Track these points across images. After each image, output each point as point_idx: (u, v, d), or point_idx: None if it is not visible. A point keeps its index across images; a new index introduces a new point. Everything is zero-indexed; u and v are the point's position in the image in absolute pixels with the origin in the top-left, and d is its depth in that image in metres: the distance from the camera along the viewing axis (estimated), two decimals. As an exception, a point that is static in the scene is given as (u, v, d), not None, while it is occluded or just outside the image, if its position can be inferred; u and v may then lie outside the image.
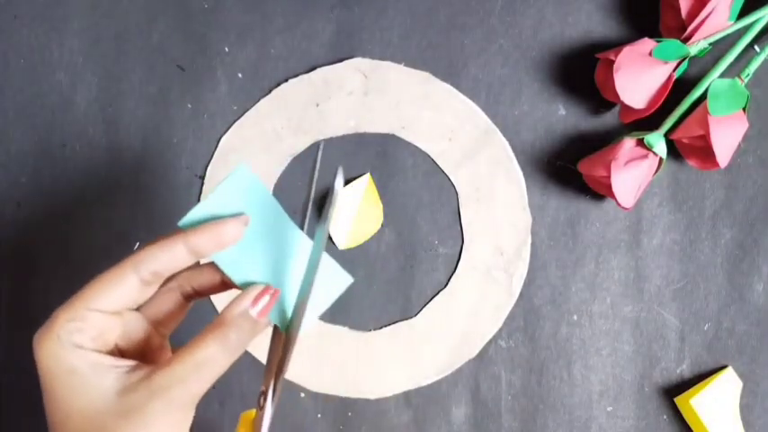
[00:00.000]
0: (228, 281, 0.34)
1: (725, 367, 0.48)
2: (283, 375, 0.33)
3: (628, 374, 0.49)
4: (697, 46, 0.45)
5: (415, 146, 0.50)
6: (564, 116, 0.49)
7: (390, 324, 0.49)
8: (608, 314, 0.49)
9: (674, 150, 0.48)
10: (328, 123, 0.49)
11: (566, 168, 0.49)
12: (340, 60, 0.49)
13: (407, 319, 0.49)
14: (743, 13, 0.46)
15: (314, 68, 0.50)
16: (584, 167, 0.47)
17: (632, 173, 0.45)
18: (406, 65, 0.50)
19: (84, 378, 0.30)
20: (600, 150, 0.47)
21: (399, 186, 0.50)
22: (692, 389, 0.48)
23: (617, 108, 0.49)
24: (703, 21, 0.45)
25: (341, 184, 0.31)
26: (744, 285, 0.49)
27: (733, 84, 0.45)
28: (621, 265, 0.49)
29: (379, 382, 0.49)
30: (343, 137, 0.50)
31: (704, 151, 0.46)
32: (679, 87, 0.46)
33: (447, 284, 0.49)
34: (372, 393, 0.49)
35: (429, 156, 0.50)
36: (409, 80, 0.49)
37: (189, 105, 0.50)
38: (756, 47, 0.48)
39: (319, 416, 0.49)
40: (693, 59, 0.47)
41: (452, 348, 0.49)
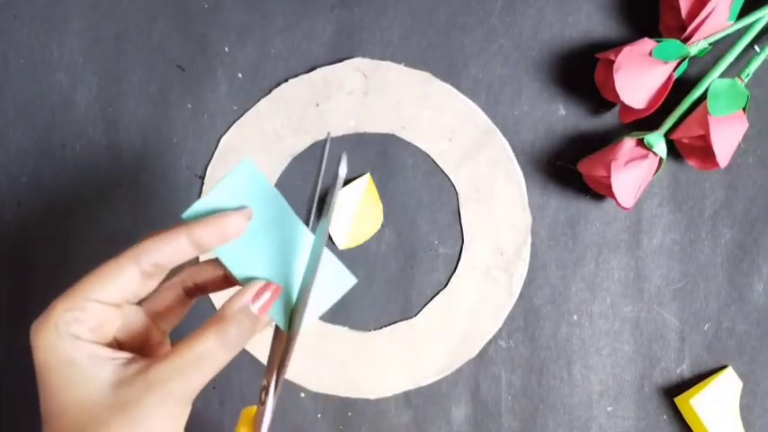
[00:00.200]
0: (231, 277, 0.34)
1: (725, 367, 0.48)
2: (285, 371, 0.33)
3: (628, 374, 0.49)
4: (697, 46, 0.45)
5: (415, 146, 0.50)
6: (564, 116, 0.49)
7: (390, 324, 0.49)
8: (608, 314, 0.49)
9: (674, 150, 0.48)
10: (328, 123, 0.49)
11: (566, 168, 0.49)
12: (340, 60, 0.49)
13: (407, 319, 0.49)
14: (743, 13, 0.46)
15: (314, 68, 0.50)
16: (584, 167, 0.47)
17: (632, 173, 0.45)
18: (406, 65, 0.50)
19: (80, 369, 0.30)
20: (600, 150, 0.47)
21: (399, 186, 0.50)
22: (692, 389, 0.48)
23: (617, 108, 0.49)
24: (703, 21, 0.45)
25: (344, 170, 0.31)
26: (744, 285, 0.49)
27: (733, 84, 0.45)
28: (621, 265, 0.49)
29: (379, 382, 0.49)
30: (343, 137, 0.50)
31: (704, 151, 0.46)
32: (679, 87, 0.46)
33: (447, 284, 0.49)
34: (372, 393, 0.49)
35: (429, 156, 0.50)
36: (409, 80, 0.49)
37: (189, 105, 0.50)
38: (756, 47, 0.48)
39: (319, 416, 0.49)
40: (693, 59, 0.47)
41: (452, 348, 0.49)
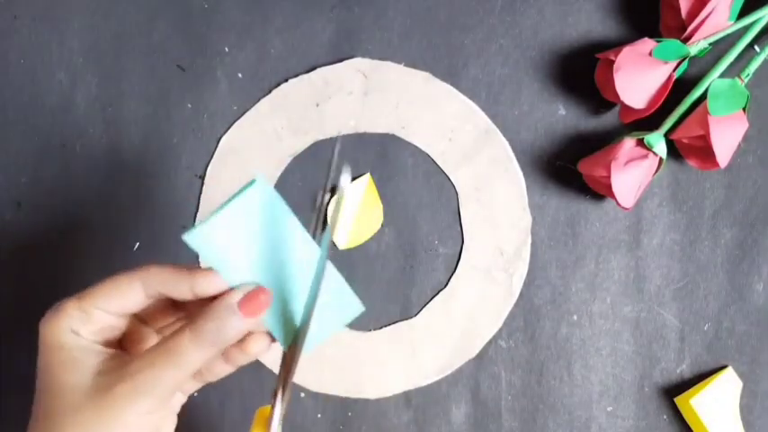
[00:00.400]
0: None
1: (725, 367, 0.48)
2: (291, 380, 0.33)
3: (628, 374, 0.49)
4: (697, 46, 0.45)
5: (415, 146, 0.50)
6: (564, 116, 0.49)
7: (390, 324, 0.49)
8: (608, 314, 0.49)
9: (674, 150, 0.48)
10: (328, 123, 0.49)
11: (566, 168, 0.49)
12: (340, 60, 0.49)
13: (407, 319, 0.49)
14: (743, 13, 0.46)
15: (314, 68, 0.50)
16: (584, 167, 0.47)
17: (632, 173, 0.45)
18: (406, 65, 0.50)
19: (69, 354, 0.31)
20: (600, 150, 0.47)
21: (399, 186, 0.50)
22: (692, 389, 0.48)
23: (617, 108, 0.49)
24: (703, 21, 0.45)
25: (348, 182, 0.30)
26: (744, 285, 0.49)
27: (733, 84, 0.45)
28: (621, 265, 0.49)
29: (379, 382, 0.49)
30: (343, 137, 0.50)
31: (704, 151, 0.46)
32: (679, 87, 0.46)
33: (447, 284, 0.49)
34: (372, 393, 0.49)
35: (429, 156, 0.50)
36: (409, 80, 0.49)
37: (189, 105, 0.50)
38: (756, 47, 0.48)
39: (319, 416, 0.49)
40: (693, 59, 0.47)
41: (452, 348, 0.49)
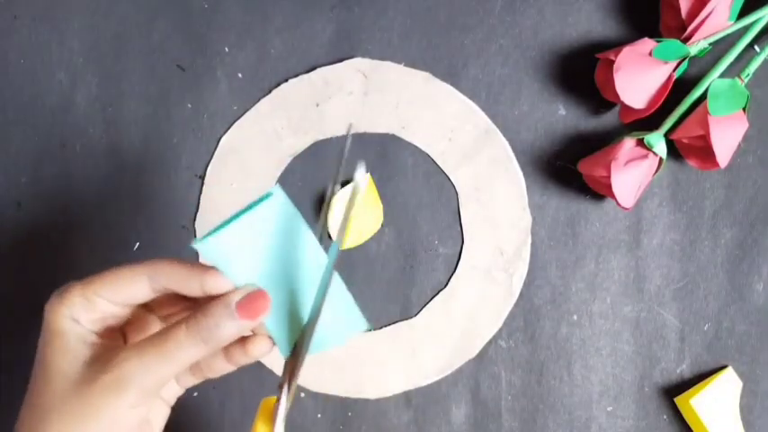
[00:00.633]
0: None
1: (725, 367, 0.48)
2: (296, 378, 0.33)
3: (628, 374, 0.49)
4: (697, 46, 0.45)
5: (415, 146, 0.50)
6: (564, 116, 0.49)
7: (390, 324, 0.49)
8: (608, 314, 0.49)
9: (674, 150, 0.48)
10: (328, 123, 0.49)
11: (566, 168, 0.49)
12: (340, 60, 0.49)
13: (407, 319, 0.49)
14: (743, 13, 0.46)
15: (314, 68, 0.50)
16: (584, 167, 0.47)
17: (632, 173, 0.45)
18: (406, 65, 0.50)
19: (65, 342, 0.31)
20: (600, 150, 0.47)
21: (399, 186, 0.50)
22: (692, 389, 0.48)
23: (617, 108, 0.49)
24: (703, 21, 0.45)
25: (363, 175, 0.30)
26: (744, 285, 0.49)
27: (733, 84, 0.45)
28: (621, 265, 0.49)
29: (379, 382, 0.49)
30: (343, 137, 0.50)
31: (704, 151, 0.46)
32: (679, 87, 0.46)
33: (447, 284, 0.49)
34: (372, 393, 0.49)
35: (429, 156, 0.50)
36: (409, 80, 0.49)
37: (189, 105, 0.50)
38: (756, 47, 0.48)
39: (319, 416, 0.49)
40: (693, 59, 0.47)
41: (452, 348, 0.49)
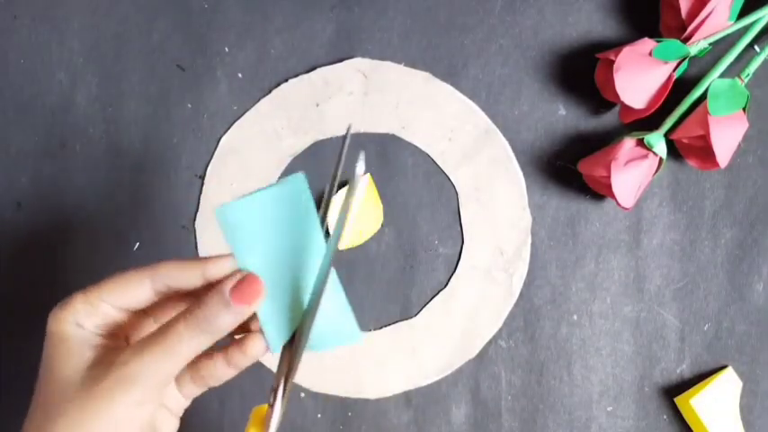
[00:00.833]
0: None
1: (725, 367, 0.48)
2: (292, 380, 0.33)
3: (628, 374, 0.49)
4: (697, 46, 0.45)
5: (415, 146, 0.50)
6: (564, 116, 0.49)
7: (390, 324, 0.49)
8: (608, 314, 0.49)
9: (674, 150, 0.48)
10: (328, 123, 0.49)
11: (566, 168, 0.49)
12: (340, 60, 0.49)
13: (407, 319, 0.49)
14: (743, 13, 0.46)
15: (314, 68, 0.50)
16: (584, 167, 0.47)
17: (632, 173, 0.45)
18: (406, 65, 0.50)
19: (69, 346, 0.32)
20: (600, 150, 0.47)
21: (399, 186, 0.50)
22: (692, 389, 0.48)
23: (617, 108, 0.49)
24: (703, 21, 0.45)
25: (362, 169, 0.30)
26: (744, 285, 0.49)
27: (733, 84, 0.45)
28: (621, 265, 0.49)
29: (379, 382, 0.49)
30: (343, 137, 0.49)
31: (704, 151, 0.46)
32: (679, 87, 0.46)
33: (447, 284, 0.49)
34: (372, 393, 0.49)
35: (429, 156, 0.50)
36: (409, 80, 0.49)
37: (189, 105, 0.50)
38: (756, 47, 0.48)
39: (319, 416, 0.49)
40: (693, 59, 0.47)
41: (452, 348, 0.49)
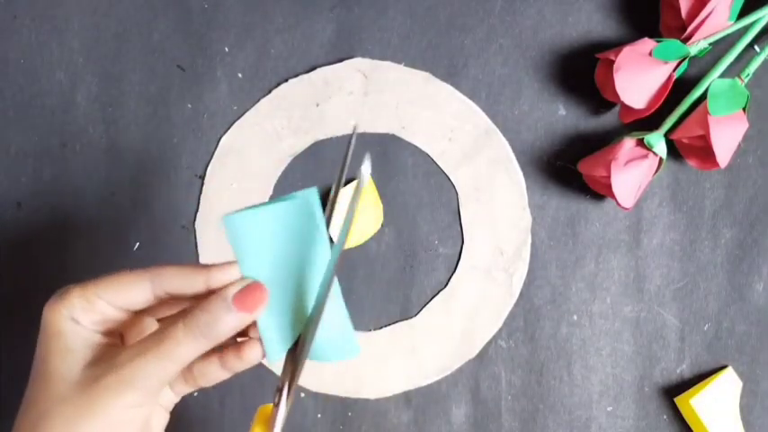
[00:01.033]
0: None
1: (725, 367, 0.48)
2: (297, 377, 0.33)
3: (628, 374, 0.49)
4: (697, 46, 0.45)
5: (415, 146, 0.50)
6: (564, 116, 0.49)
7: (390, 324, 0.49)
8: (608, 314, 0.49)
9: (674, 150, 0.48)
10: (328, 123, 0.49)
11: (566, 168, 0.49)
12: (340, 60, 0.49)
13: (407, 319, 0.49)
14: (743, 13, 0.46)
15: (314, 68, 0.50)
16: (584, 167, 0.47)
17: (632, 173, 0.45)
18: (406, 65, 0.50)
19: (65, 343, 0.31)
20: (600, 150, 0.47)
21: (399, 186, 0.50)
22: (692, 389, 0.48)
23: (617, 108, 0.49)
24: (703, 21, 0.45)
25: (368, 169, 0.30)
26: (744, 285, 0.49)
27: (733, 84, 0.45)
28: (621, 265, 0.49)
29: (378, 382, 0.49)
30: (343, 137, 0.50)
31: (704, 151, 0.46)
32: (679, 87, 0.46)
33: (447, 284, 0.49)
34: (372, 393, 0.49)
35: (429, 156, 0.50)
36: (409, 80, 0.49)
37: (189, 105, 0.50)
38: (756, 47, 0.48)
39: (319, 416, 0.49)
40: (693, 59, 0.47)
41: (452, 348, 0.49)
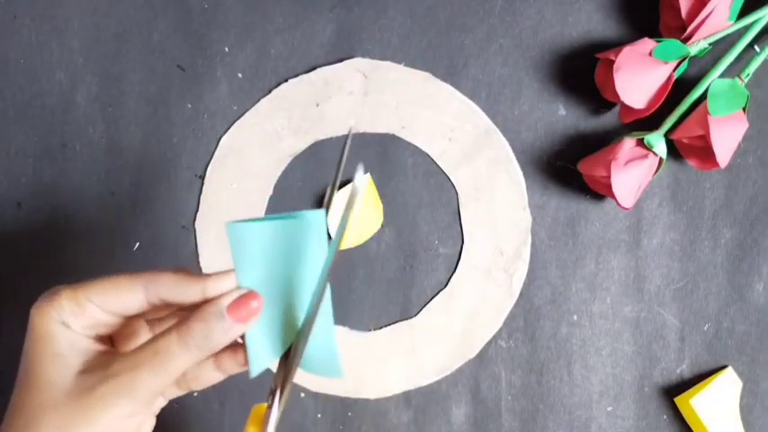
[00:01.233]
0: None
1: (725, 367, 0.48)
2: (292, 377, 0.33)
3: (628, 374, 0.49)
4: (697, 46, 0.45)
5: (415, 146, 0.50)
6: (564, 116, 0.49)
7: (390, 324, 0.49)
8: (608, 314, 0.49)
9: (674, 150, 0.48)
10: (328, 123, 0.49)
11: (566, 168, 0.49)
12: (340, 60, 0.49)
13: (407, 319, 0.49)
14: (743, 13, 0.46)
15: (314, 68, 0.50)
16: (584, 167, 0.47)
17: (632, 173, 0.45)
18: (406, 65, 0.50)
19: (55, 350, 0.31)
20: (600, 150, 0.47)
21: (399, 186, 0.50)
22: (692, 389, 0.48)
23: (617, 108, 0.49)
24: (703, 21, 0.45)
25: (362, 177, 0.30)
26: (744, 285, 0.49)
27: (733, 84, 0.45)
28: (621, 265, 0.49)
29: (379, 382, 0.49)
30: (343, 137, 0.50)
31: (704, 151, 0.46)
32: (679, 87, 0.46)
33: (447, 284, 0.49)
34: (372, 393, 0.49)
35: (429, 156, 0.50)
36: (409, 80, 0.49)
37: (189, 105, 0.50)
38: (756, 47, 0.48)
39: (319, 416, 0.49)
40: (693, 59, 0.47)
41: (452, 348, 0.49)
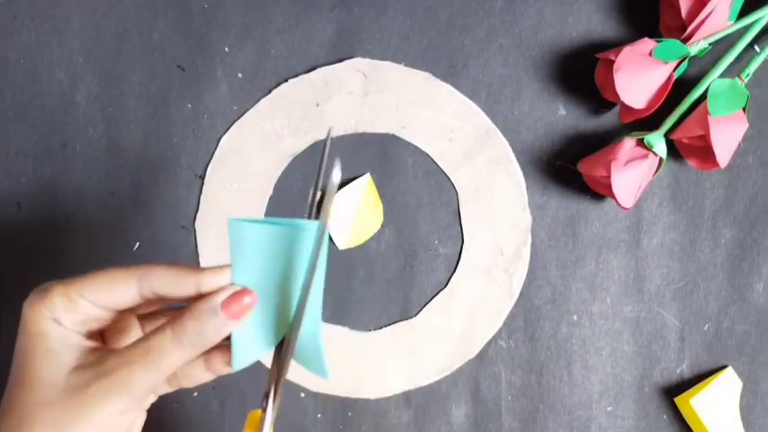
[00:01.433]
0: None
1: (725, 367, 0.48)
2: (282, 379, 0.33)
3: (628, 374, 0.49)
4: (697, 46, 0.45)
5: (415, 146, 0.50)
6: (564, 116, 0.49)
7: (390, 324, 0.49)
8: (608, 314, 0.49)
9: (674, 150, 0.48)
10: (328, 123, 0.49)
11: (566, 168, 0.49)
12: (340, 60, 0.49)
13: (407, 319, 0.49)
14: (743, 13, 0.46)
15: (314, 68, 0.50)
16: (584, 167, 0.47)
17: (632, 173, 0.45)
18: (406, 65, 0.50)
19: (48, 347, 0.31)
20: (600, 150, 0.47)
21: (399, 186, 0.50)
22: (692, 389, 0.48)
23: (617, 108, 0.49)
24: (703, 21, 0.45)
25: (338, 176, 0.30)
26: (744, 285, 0.49)
27: (733, 84, 0.45)
28: (621, 265, 0.49)
29: (379, 382, 0.49)
30: (343, 137, 0.50)
31: (704, 151, 0.46)
32: (679, 87, 0.46)
33: (447, 284, 0.49)
34: (372, 393, 0.49)
35: (429, 156, 0.50)
36: (409, 80, 0.49)
37: (189, 105, 0.50)
38: (756, 47, 0.48)
39: (319, 416, 0.49)
40: (693, 59, 0.47)
41: (452, 348, 0.49)
